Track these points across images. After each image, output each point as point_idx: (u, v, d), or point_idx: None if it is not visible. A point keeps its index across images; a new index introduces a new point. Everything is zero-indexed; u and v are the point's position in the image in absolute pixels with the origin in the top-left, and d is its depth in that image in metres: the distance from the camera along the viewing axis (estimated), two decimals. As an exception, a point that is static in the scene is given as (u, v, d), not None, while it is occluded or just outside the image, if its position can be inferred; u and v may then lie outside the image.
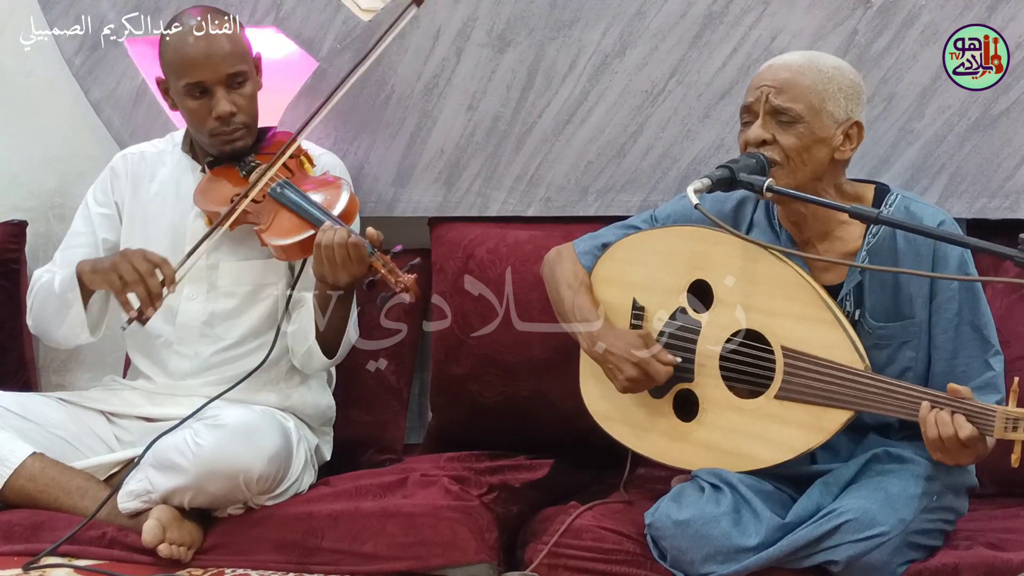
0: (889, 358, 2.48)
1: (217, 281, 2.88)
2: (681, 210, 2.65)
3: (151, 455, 2.65)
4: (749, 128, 2.48)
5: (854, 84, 2.49)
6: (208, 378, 2.85)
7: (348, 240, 2.60)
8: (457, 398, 3.08)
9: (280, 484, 2.69)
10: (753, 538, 2.36)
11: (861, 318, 2.48)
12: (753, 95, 2.47)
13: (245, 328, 2.88)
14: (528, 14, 3.07)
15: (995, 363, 2.47)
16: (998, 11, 2.83)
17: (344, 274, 2.62)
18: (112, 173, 2.98)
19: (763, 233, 2.57)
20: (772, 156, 2.44)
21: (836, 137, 2.45)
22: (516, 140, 3.11)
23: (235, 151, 2.85)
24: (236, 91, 2.82)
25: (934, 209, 2.52)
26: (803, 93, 2.44)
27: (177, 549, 2.57)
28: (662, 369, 2.52)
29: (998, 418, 2.23)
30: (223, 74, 2.79)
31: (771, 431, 2.45)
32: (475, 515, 2.62)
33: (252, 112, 2.86)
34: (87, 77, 3.31)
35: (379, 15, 3.13)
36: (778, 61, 2.50)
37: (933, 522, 2.40)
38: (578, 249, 2.73)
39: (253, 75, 2.87)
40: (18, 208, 3.39)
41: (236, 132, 2.83)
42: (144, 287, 2.66)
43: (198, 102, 2.81)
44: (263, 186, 2.77)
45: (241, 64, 2.82)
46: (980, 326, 2.47)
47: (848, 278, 2.49)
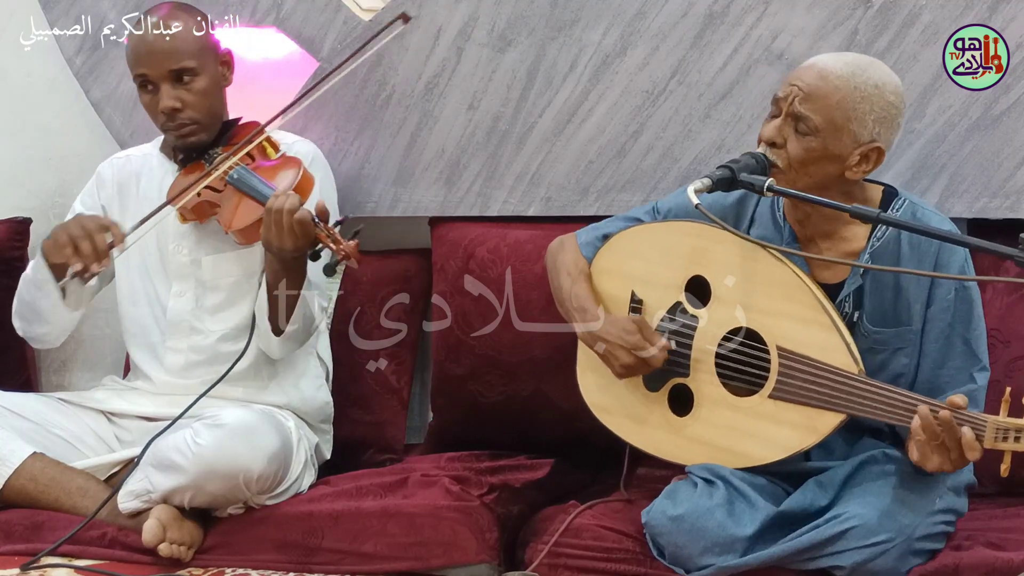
0: (883, 363, 2.48)
1: (202, 276, 2.89)
2: (683, 203, 2.63)
3: (151, 455, 2.65)
4: (771, 122, 2.46)
5: (891, 107, 2.40)
6: (204, 374, 2.85)
7: (296, 209, 2.60)
8: (457, 398, 3.08)
9: (280, 483, 2.69)
10: (748, 527, 2.36)
11: (859, 320, 2.48)
12: (785, 90, 2.43)
13: (236, 320, 2.88)
14: (529, 14, 3.07)
15: (979, 378, 2.45)
16: (998, 11, 2.83)
17: (289, 240, 2.61)
18: (98, 179, 3.01)
19: (766, 227, 2.57)
20: (775, 160, 2.43)
21: (852, 157, 2.40)
22: (517, 140, 3.11)
23: (189, 145, 2.87)
24: (183, 87, 2.83)
25: (940, 217, 2.50)
26: (829, 107, 2.38)
27: (177, 549, 2.57)
28: (657, 352, 2.51)
29: (989, 428, 2.23)
30: (165, 69, 2.82)
31: (764, 430, 2.45)
32: (475, 515, 2.62)
33: (202, 107, 2.85)
34: (87, 77, 3.31)
35: (379, 14, 3.13)
36: (821, 62, 2.42)
37: (936, 525, 2.40)
38: (580, 240, 2.73)
39: (208, 71, 2.87)
40: (19, 207, 3.38)
41: (184, 128, 2.84)
42: (91, 243, 2.69)
43: (148, 96, 2.86)
44: (221, 173, 2.78)
45: (187, 60, 2.82)
46: (971, 340, 2.46)
47: (849, 280, 2.48)
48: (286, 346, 2.81)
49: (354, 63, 2.90)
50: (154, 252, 2.92)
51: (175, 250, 2.90)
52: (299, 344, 2.85)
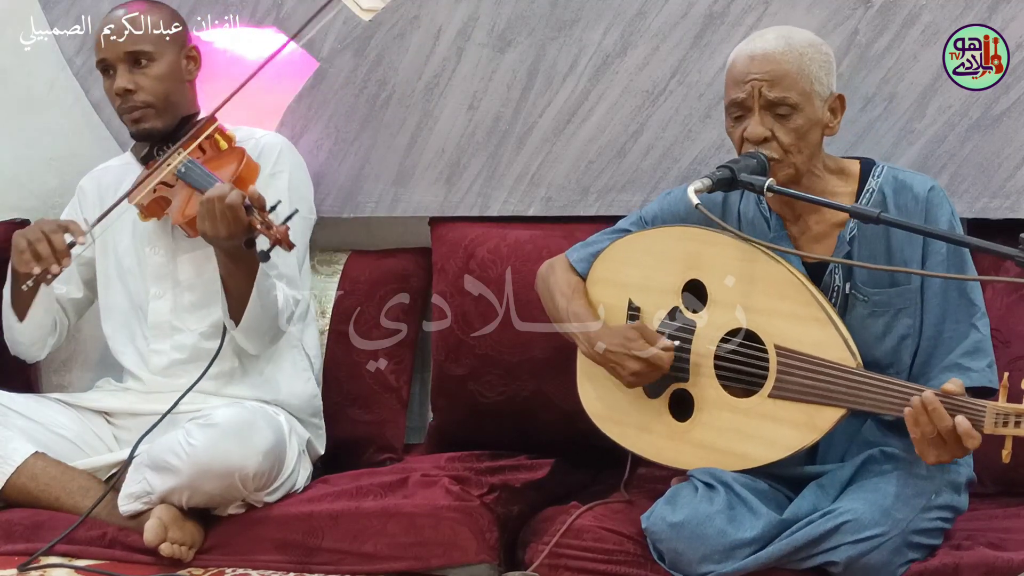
0: (887, 326, 2.49)
1: (178, 276, 2.91)
2: (668, 208, 2.67)
3: (147, 456, 2.65)
4: (743, 123, 2.48)
5: (828, 56, 2.50)
6: (191, 372, 2.85)
7: (227, 196, 2.60)
8: (457, 398, 3.08)
9: (276, 479, 2.69)
10: (749, 531, 2.36)
11: (854, 289, 2.49)
12: (743, 90, 2.46)
13: (214, 317, 2.89)
14: (529, 14, 3.07)
15: (981, 326, 2.48)
16: (998, 11, 2.83)
17: (223, 227, 2.62)
18: (80, 193, 3.06)
19: (752, 221, 2.58)
20: (771, 154, 2.45)
21: (825, 115, 2.49)
22: (517, 140, 3.11)
23: (142, 131, 2.90)
24: (139, 70, 2.88)
25: (922, 177, 2.54)
26: (793, 80, 2.44)
27: (178, 549, 2.58)
28: (663, 355, 2.51)
29: (988, 413, 2.23)
30: (122, 52, 2.87)
31: (765, 430, 2.45)
32: (476, 515, 2.62)
33: (157, 92, 2.89)
34: (87, 77, 3.31)
35: (379, 15, 3.13)
36: (758, 50, 2.47)
37: (932, 521, 2.39)
38: (572, 258, 2.73)
39: (167, 58, 2.91)
40: (19, 208, 3.38)
41: (136, 111, 2.88)
42: (48, 244, 2.72)
43: (108, 81, 2.92)
44: (172, 168, 2.81)
45: (145, 45, 2.88)
46: (966, 290, 2.48)
47: (836, 249, 2.50)
48: (252, 339, 2.82)
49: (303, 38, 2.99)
50: (132, 257, 2.96)
51: (151, 252, 2.94)
52: (268, 335, 2.85)
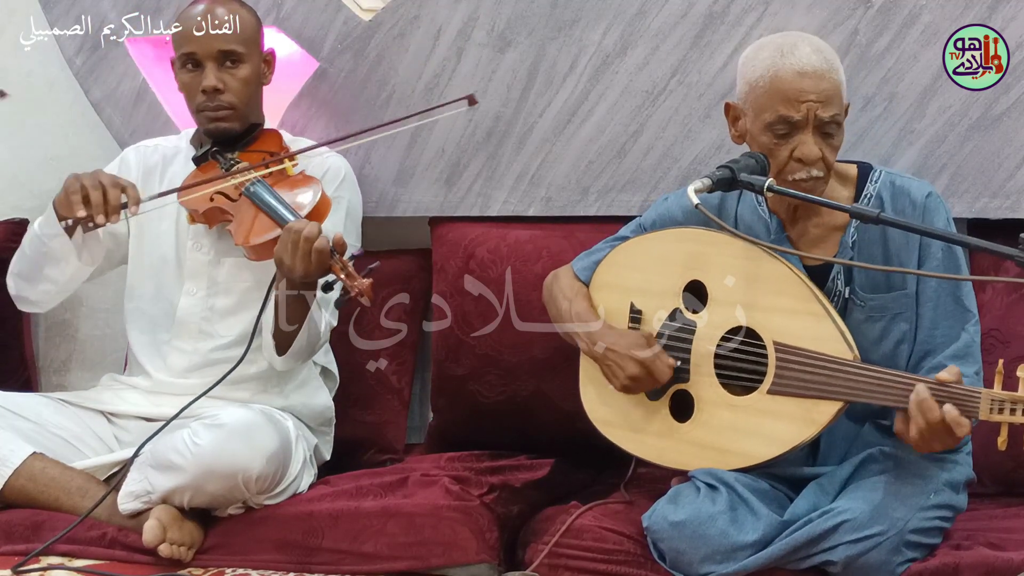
0: (883, 331, 2.49)
1: (217, 277, 2.88)
2: (665, 213, 2.68)
3: (150, 455, 2.65)
4: (789, 141, 2.45)
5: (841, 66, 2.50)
6: (205, 377, 2.83)
7: (316, 238, 2.56)
8: (458, 398, 3.08)
9: (279, 483, 2.69)
10: (751, 534, 2.36)
11: (852, 294, 2.49)
12: (798, 110, 2.42)
13: (243, 326, 2.87)
14: (529, 14, 3.07)
15: (973, 332, 2.48)
16: (998, 11, 2.83)
17: (301, 266, 2.58)
18: (123, 162, 3.00)
19: (750, 224, 2.58)
20: (818, 173, 2.45)
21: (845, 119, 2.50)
22: (517, 140, 3.11)
23: (219, 131, 2.87)
24: (228, 70, 2.86)
25: (919, 182, 2.55)
26: (839, 98, 2.45)
27: (178, 549, 2.57)
28: (665, 368, 2.52)
29: (983, 400, 2.24)
30: (215, 49, 2.84)
31: (764, 426, 2.46)
32: (476, 515, 2.62)
33: (242, 96, 2.87)
34: (87, 77, 3.31)
35: (379, 15, 3.13)
36: (807, 67, 2.42)
37: (931, 520, 2.40)
38: (576, 267, 2.74)
39: (252, 62, 2.89)
40: (19, 208, 3.38)
41: (221, 110, 2.85)
42: (102, 194, 2.67)
43: (190, 75, 2.87)
44: (237, 183, 2.77)
45: (236, 45, 2.85)
46: (960, 296, 2.48)
47: (839, 254, 2.50)
48: (289, 363, 2.80)
49: (410, 124, 2.98)
50: (171, 247, 2.91)
51: (194, 247, 2.90)
52: (303, 360, 2.85)
